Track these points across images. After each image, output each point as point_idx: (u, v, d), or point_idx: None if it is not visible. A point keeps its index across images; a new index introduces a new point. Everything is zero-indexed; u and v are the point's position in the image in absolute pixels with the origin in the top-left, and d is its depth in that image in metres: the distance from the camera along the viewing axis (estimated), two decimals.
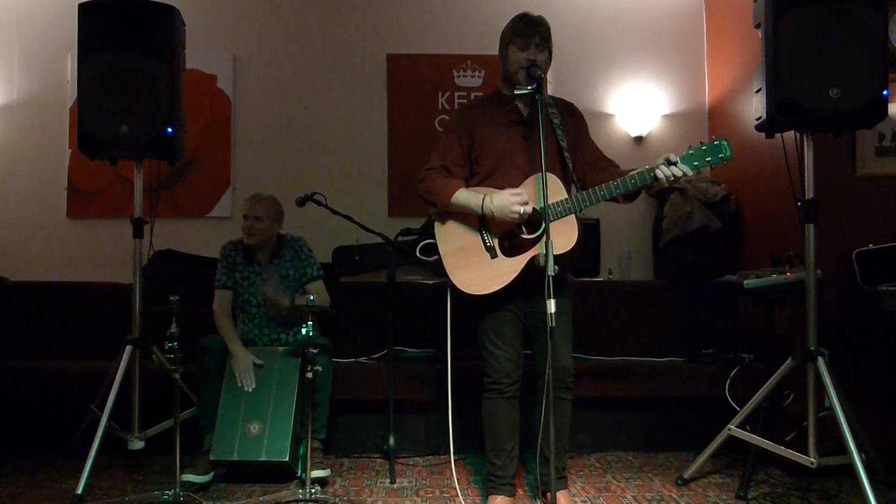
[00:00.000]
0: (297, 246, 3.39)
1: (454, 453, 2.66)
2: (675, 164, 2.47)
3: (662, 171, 2.46)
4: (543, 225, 2.37)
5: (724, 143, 2.51)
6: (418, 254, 2.66)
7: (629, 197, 2.61)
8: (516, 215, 2.48)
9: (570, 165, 2.60)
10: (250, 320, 3.34)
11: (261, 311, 3.33)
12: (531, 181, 2.57)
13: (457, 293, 2.60)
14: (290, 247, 3.38)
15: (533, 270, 2.52)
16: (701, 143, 2.53)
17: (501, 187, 2.57)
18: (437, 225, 2.67)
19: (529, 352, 2.72)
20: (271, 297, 3.27)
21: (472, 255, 2.60)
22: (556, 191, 2.51)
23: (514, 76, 2.61)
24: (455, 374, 2.70)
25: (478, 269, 2.58)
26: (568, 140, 2.62)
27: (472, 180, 2.67)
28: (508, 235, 2.58)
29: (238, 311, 3.37)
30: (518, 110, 2.67)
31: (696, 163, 2.51)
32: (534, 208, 2.53)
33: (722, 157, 2.51)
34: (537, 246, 2.52)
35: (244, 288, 3.33)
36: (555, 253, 2.29)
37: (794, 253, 3.13)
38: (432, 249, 2.65)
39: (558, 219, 2.49)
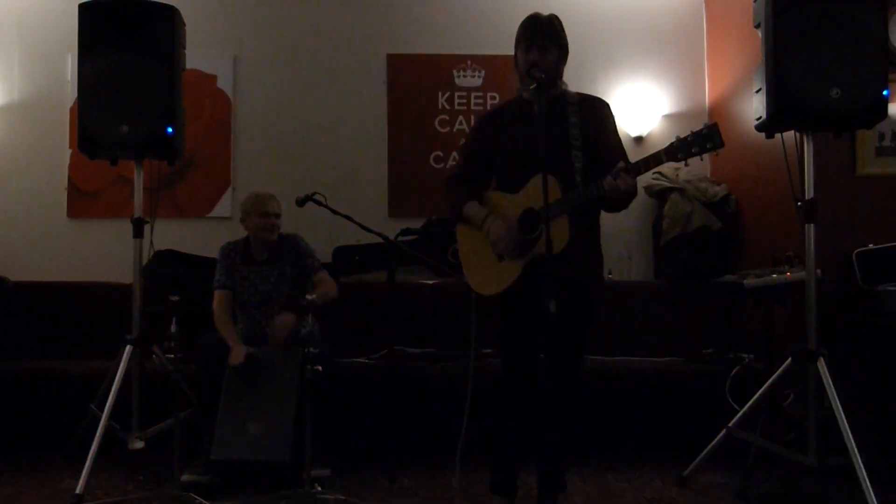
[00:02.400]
0: (293, 242, 3.40)
1: (454, 452, 2.67)
2: (622, 171, 2.39)
3: (608, 183, 2.40)
4: (541, 227, 2.37)
5: (713, 130, 2.31)
6: (450, 257, 2.81)
7: (608, 207, 2.59)
8: (498, 251, 2.56)
9: (580, 165, 2.57)
10: (250, 320, 3.34)
11: (261, 311, 3.33)
12: (535, 182, 2.56)
13: (472, 292, 2.68)
14: (286, 244, 3.39)
15: (536, 271, 2.51)
16: (691, 131, 2.37)
17: (515, 191, 2.61)
18: (457, 228, 2.77)
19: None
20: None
21: (484, 256, 2.65)
22: (552, 192, 2.48)
23: (522, 78, 2.63)
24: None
25: (487, 271, 2.63)
26: (585, 139, 2.59)
27: (494, 184, 2.74)
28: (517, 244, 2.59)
29: (238, 312, 3.38)
30: (533, 112, 2.65)
31: (679, 154, 2.36)
32: (531, 209, 2.53)
33: (710, 147, 2.31)
34: (535, 247, 2.53)
35: (244, 288, 3.34)
36: (544, 253, 2.29)
37: (794, 253, 3.13)
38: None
39: (552, 219, 2.47)
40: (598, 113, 2.69)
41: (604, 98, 2.81)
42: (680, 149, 2.36)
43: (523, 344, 2.63)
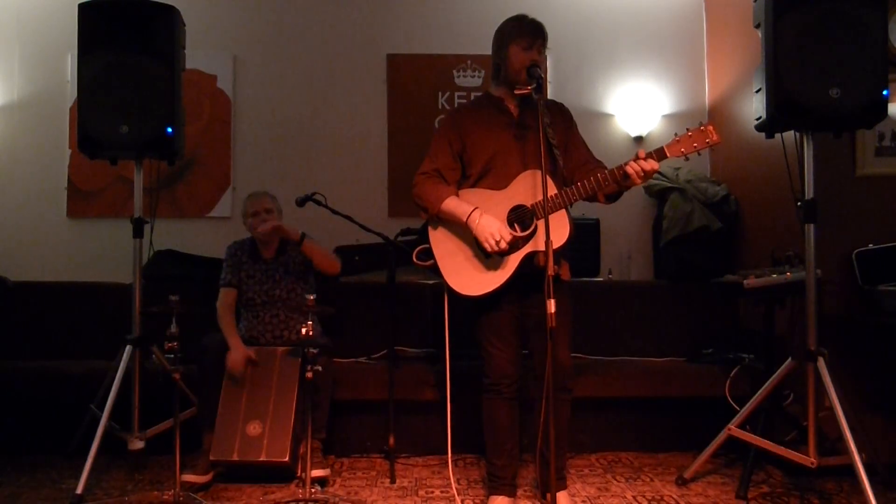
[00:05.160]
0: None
1: (454, 453, 2.67)
2: (644, 159, 2.46)
3: (632, 167, 2.45)
4: (536, 223, 2.38)
5: (710, 128, 2.48)
6: (415, 259, 2.67)
7: (610, 197, 2.62)
8: (491, 245, 2.49)
9: (562, 162, 2.60)
10: (254, 318, 3.35)
11: (266, 310, 3.34)
12: (521, 178, 2.57)
13: (454, 294, 2.61)
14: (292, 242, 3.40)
15: (528, 268, 2.52)
16: (687, 129, 2.50)
17: (494, 188, 2.60)
18: (430, 229, 2.70)
19: (527, 351, 2.71)
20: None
21: (467, 256, 2.61)
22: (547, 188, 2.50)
23: (515, 75, 2.62)
24: (455, 373, 2.71)
25: (472, 271, 2.59)
26: (558, 139, 2.63)
27: (465, 182, 2.69)
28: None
29: (242, 310, 3.38)
30: (510, 111, 2.68)
31: (682, 149, 2.48)
32: (524, 206, 2.54)
33: (708, 142, 2.46)
34: (531, 243, 2.53)
35: (249, 286, 3.34)
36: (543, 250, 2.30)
37: (794, 253, 3.13)
38: (429, 254, 2.66)
39: (549, 214, 2.48)
40: (564, 115, 2.77)
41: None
42: (682, 144, 2.47)
43: (508, 343, 2.63)
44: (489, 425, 2.68)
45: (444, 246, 2.66)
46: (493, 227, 2.50)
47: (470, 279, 2.59)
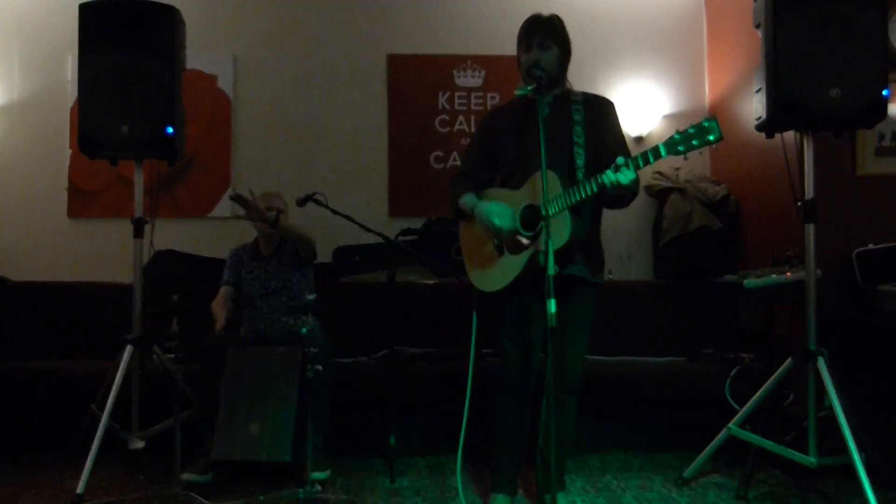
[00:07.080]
0: None
1: (455, 453, 2.67)
2: (619, 169, 2.35)
3: (608, 178, 2.36)
4: (541, 224, 2.38)
5: (713, 123, 2.26)
6: (453, 255, 2.79)
7: (607, 202, 2.58)
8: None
9: (581, 162, 2.57)
10: (254, 310, 3.38)
11: (266, 302, 3.35)
12: (535, 178, 2.57)
13: (475, 289, 2.68)
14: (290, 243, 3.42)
15: (541, 268, 2.51)
16: (691, 125, 2.32)
17: (516, 187, 2.61)
18: (460, 225, 2.77)
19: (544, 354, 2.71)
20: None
21: (485, 253, 2.65)
22: (551, 188, 2.48)
23: (524, 78, 2.63)
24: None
25: (488, 267, 2.64)
26: (588, 137, 2.60)
27: (496, 182, 2.74)
28: (514, 234, 2.59)
29: (245, 310, 3.40)
30: (536, 110, 2.66)
31: (680, 147, 2.30)
32: (533, 206, 2.54)
33: (710, 140, 2.25)
34: (535, 243, 2.53)
35: (248, 282, 3.37)
36: (544, 250, 2.29)
37: (794, 253, 3.13)
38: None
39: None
40: (601, 111, 2.71)
41: None
42: (681, 142, 2.30)
43: (522, 342, 2.63)
44: (498, 422, 2.68)
45: (466, 243, 2.74)
46: (494, 211, 2.53)
47: (484, 275, 2.65)
